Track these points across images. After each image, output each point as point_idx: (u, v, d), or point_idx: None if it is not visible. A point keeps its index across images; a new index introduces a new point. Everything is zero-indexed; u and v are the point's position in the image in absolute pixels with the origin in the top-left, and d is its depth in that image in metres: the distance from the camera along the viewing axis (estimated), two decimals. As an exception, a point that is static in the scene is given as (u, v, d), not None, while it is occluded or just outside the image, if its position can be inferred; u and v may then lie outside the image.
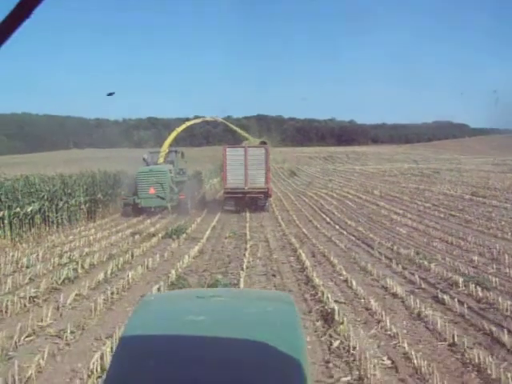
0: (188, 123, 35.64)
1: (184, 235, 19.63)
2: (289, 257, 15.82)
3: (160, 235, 19.48)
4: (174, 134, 31.91)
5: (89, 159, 70.64)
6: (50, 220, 21.02)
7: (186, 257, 14.99)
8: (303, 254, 15.51)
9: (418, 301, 10.18)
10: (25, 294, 10.65)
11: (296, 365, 2.41)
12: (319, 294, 10.81)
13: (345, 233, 20.34)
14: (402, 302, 10.47)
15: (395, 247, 16.65)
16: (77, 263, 13.80)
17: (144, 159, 29.09)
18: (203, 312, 2.93)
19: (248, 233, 20.37)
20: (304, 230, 21.14)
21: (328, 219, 24.28)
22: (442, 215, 24.41)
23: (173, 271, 12.65)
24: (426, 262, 14.02)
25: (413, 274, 12.85)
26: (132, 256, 15.32)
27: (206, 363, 2.42)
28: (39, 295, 10.84)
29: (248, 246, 17.33)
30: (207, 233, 20.44)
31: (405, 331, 8.72)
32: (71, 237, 19.71)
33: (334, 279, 12.61)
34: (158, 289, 10.93)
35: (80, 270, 13.26)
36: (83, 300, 10.58)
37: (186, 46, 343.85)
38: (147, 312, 3.13)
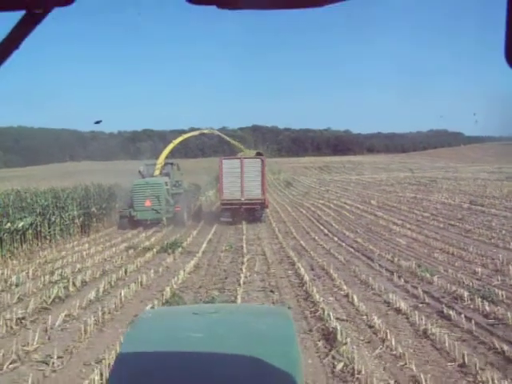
0: (185, 136, 35.54)
1: (179, 249, 19.16)
2: (287, 271, 15.35)
3: (155, 250, 18.99)
4: (170, 147, 31.67)
5: (85, 172, 70.13)
6: (43, 235, 20.49)
7: (182, 272, 14.50)
8: (302, 268, 15.05)
9: (422, 317, 9.73)
10: (11, 316, 10.11)
11: (292, 380, 2.38)
12: (320, 311, 10.33)
13: (343, 244, 19.89)
14: (407, 318, 10.00)
15: (396, 259, 16.19)
16: (68, 281, 13.28)
17: (140, 172, 28.94)
18: (200, 328, 2.92)
19: (245, 246, 19.91)
20: (302, 242, 20.68)
21: (326, 231, 23.83)
22: (441, 225, 23.99)
23: (167, 288, 12.15)
24: (428, 275, 13.58)
25: (415, 288, 12.39)
26: (125, 272, 14.81)
27: (203, 380, 2.41)
28: (27, 316, 10.27)
29: (245, 259, 16.86)
30: (203, 246, 19.97)
31: (411, 351, 8.24)
32: (64, 252, 19.19)
33: (335, 294, 12.14)
34: (152, 308, 10.43)
35: (71, 288, 12.74)
36: (73, 321, 10.03)
37: (180, 57, 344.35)
38: (144, 328, 3.09)
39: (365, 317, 10.10)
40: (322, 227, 25.10)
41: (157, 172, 28.99)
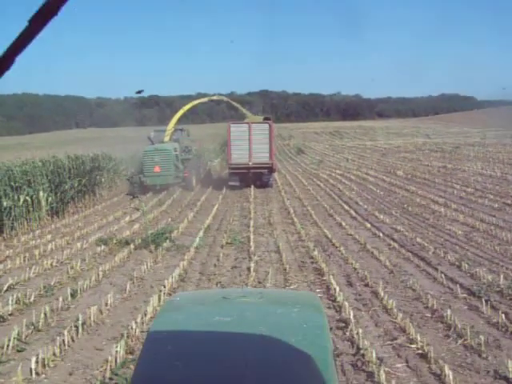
0: (194, 102, 34.10)
1: (167, 242, 14.13)
2: (313, 286, 10.25)
3: (132, 246, 13.87)
4: (180, 113, 30.70)
5: (88, 139, 65.13)
6: (-9, 225, 15.38)
7: (158, 293, 9.40)
8: (334, 282, 9.98)
9: None
10: None
11: (323, 366, 2.34)
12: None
13: (381, 235, 14.75)
14: None
15: (464, 264, 11.05)
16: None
17: (149, 138, 28.35)
18: (229, 313, 2.89)
19: (252, 236, 14.83)
20: (325, 230, 15.56)
21: (352, 212, 18.65)
22: (495, 205, 18.73)
23: (120, 344, 6.97)
24: (535, 302, 8.46)
25: (531, 334, 7.28)
26: (73, 294, 9.64)
27: (232, 363, 2.38)
28: None
29: (252, 263, 11.77)
30: (198, 237, 14.88)
31: None
32: (9, 251, 13.89)
33: (403, 351, 6.98)
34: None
35: (-31, 335, 7.65)
36: None
37: (188, 22, 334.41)
38: (174, 311, 3.10)
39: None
40: (346, 207, 19.92)
41: (166, 138, 28.48)
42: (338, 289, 9.44)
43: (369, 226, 16.18)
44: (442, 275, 10.38)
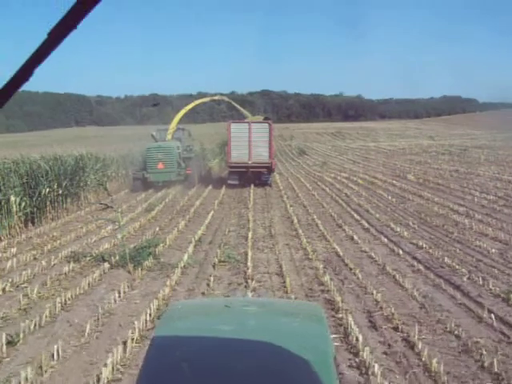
0: (196, 102, 34.62)
1: (149, 259, 11.78)
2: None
3: (106, 264, 11.48)
4: (182, 112, 31.29)
5: (87, 138, 62.96)
6: None
7: (124, 339, 7.04)
8: (353, 323, 7.62)
9: None
10: None
11: (324, 372, 2.28)
12: None
13: (401, 252, 12.42)
14: None
15: (512, 297, 8.71)
16: None
17: (153, 136, 28.90)
18: (232, 322, 2.83)
19: (250, 252, 12.47)
20: (335, 245, 13.23)
21: (364, 222, 16.29)
22: (524, 216, 16.41)
23: None
24: None
25: None
26: (13, 341, 7.25)
27: (234, 371, 2.33)
28: None
29: (249, 291, 9.42)
30: (188, 251, 12.56)
31: None
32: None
33: None
34: None
35: None
36: None
37: (187, 21, 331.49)
38: (175, 319, 3.01)
39: None
40: (356, 216, 17.56)
41: (169, 137, 29.13)
42: (360, 337, 7.06)
43: (385, 240, 13.83)
44: (492, 315, 8.00)
